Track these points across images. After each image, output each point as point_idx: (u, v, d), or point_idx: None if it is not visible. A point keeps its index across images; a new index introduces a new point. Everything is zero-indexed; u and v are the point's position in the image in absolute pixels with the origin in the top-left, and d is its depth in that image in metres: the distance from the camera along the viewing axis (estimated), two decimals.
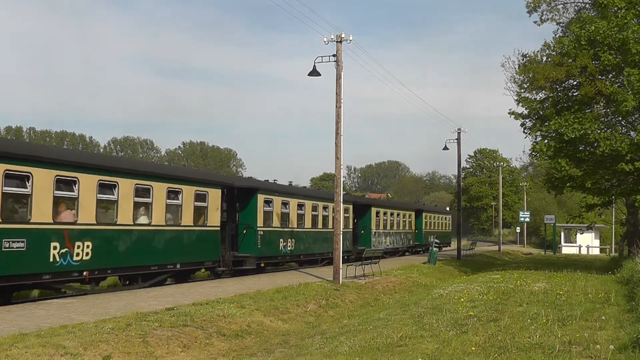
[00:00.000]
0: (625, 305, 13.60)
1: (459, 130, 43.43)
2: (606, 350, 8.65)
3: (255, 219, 24.97)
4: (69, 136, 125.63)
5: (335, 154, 22.36)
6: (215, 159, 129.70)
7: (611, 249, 58.69)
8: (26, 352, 9.39)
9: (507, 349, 9.14)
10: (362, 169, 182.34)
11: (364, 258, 24.78)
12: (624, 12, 23.33)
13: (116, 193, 17.73)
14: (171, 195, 20.05)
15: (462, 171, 54.58)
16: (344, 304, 18.92)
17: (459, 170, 45.75)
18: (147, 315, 12.91)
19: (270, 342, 12.73)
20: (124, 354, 10.44)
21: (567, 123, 23.86)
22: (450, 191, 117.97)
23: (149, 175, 19.25)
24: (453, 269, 33.72)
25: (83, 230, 16.48)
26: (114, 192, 17.71)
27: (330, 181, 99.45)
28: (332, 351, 10.20)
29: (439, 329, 11.35)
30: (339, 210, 22.58)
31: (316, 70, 22.48)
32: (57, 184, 15.80)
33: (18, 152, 14.97)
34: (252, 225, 24.81)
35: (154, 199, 19.21)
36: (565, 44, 24.56)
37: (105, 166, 17.75)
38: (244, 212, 25.06)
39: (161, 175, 19.96)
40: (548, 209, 75.03)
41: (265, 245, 25.58)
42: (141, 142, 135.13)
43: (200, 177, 22.75)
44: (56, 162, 15.85)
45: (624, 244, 39.10)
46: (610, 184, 27.72)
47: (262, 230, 25.27)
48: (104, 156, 27.66)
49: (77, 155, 20.35)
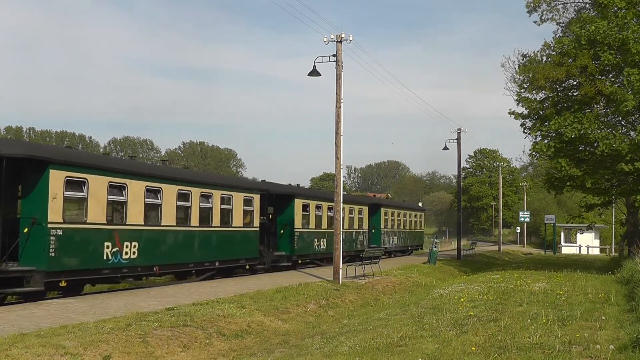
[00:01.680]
0: (625, 305, 13.60)
1: (459, 130, 43.45)
2: (606, 350, 8.65)
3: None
4: (69, 136, 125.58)
5: (335, 154, 22.36)
6: (215, 159, 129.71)
7: (611, 249, 58.67)
8: (26, 352, 9.39)
9: (507, 349, 9.14)
10: (362, 169, 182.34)
11: (364, 258, 24.96)
12: (624, 12, 23.33)
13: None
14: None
15: (462, 171, 54.56)
16: (344, 304, 18.92)
17: (459, 170, 45.75)
18: (147, 315, 12.91)
19: (270, 342, 12.73)
20: (124, 354, 10.44)
21: (567, 123, 23.85)
22: (450, 191, 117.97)
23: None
24: (453, 269, 33.73)
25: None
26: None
27: (330, 181, 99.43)
28: (332, 351, 10.20)
29: (439, 329, 11.35)
30: (339, 210, 22.58)
31: (316, 70, 22.47)
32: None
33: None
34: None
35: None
36: (565, 44, 24.56)
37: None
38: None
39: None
40: (548, 209, 75.03)
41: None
42: (141, 142, 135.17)
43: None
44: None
45: (624, 244, 39.09)
46: (610, 184, 27.73)
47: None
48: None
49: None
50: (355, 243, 34.67)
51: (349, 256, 33.31)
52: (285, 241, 27.88)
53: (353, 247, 34.04)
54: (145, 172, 19.42)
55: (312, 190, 33.31)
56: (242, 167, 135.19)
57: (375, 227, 37.40)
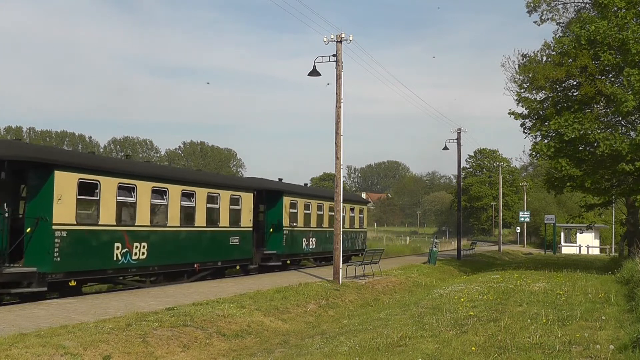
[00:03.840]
0: (625, 305, 13.61)
1: (458, 130, 43.43)
2: (606, 350, 8.65)
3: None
4: (69, 136, 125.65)
5: (335, 154, 22.36)
6: (215, 159, 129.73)
7: (611, 249, 58.65)
8: (26, 352, 9.39)
9: (507, 349, 9.14)
10: (362, 169, 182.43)
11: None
12: (624, 12, 23.32)
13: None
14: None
15: (462, 171, 54.47)
16: (344, 304, 18.91)
17: (459, 170, 45.74)
18: (147, 315, 12.91)
19: (270, 342, 12.73)
20: (124, 354, 10.44)
21: (567, 123, 23.85)
22: (450, 191, 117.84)
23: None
24: (453, 269, 33.72)
25: None
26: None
27: (330, 181, 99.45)
28: (332, 351, 10.19)
29: (439, 329, 11.34)
30: (339, 210, 22.61)
31: (316, 70, 22.46)
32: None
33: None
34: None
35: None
36: (565, 44, 24.56)
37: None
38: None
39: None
40: (548, 209, 74.97)
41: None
42: (141, 142, 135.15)
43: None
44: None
45: (624, 244, 39.08)
46: (610, 184, 27.72)
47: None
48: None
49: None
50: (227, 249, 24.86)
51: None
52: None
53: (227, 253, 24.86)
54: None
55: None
56: (242, 167, 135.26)
57: (276, 225, 27.58)
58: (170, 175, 21.07)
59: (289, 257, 28.09)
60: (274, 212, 27.31)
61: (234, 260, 23.89)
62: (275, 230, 27.01)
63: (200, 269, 21.64)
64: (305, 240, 29.25)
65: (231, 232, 23.20)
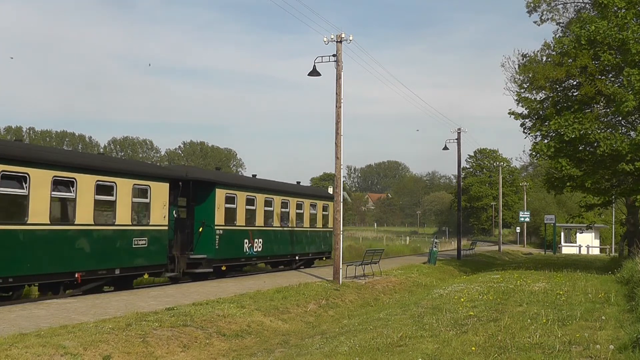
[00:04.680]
0: (625, 305, 13.61)
1: (458, 130, 43.42)
2: (606, 350, 8.65)
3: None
4: (68, 136, 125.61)
5: (335, 154, 22.35)
6: (215, 159, 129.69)
7: (611, 249, 58.65)
8: (26, 352, 9.39)
9: (507, 349, 9.14)
10: (362, 169, 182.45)
11: None
12: (624, 12, 23.32)
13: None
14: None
15: (462, 171, 54.45)
16: (344, 304, 18.91)
17: (459, 170, 45.73)
18: (147, 315, 12.91)
19: (270, 342, 12.73)
20: (124, 354, 10.44)
21: (567, 123, 23.85)
22: (450, 191, 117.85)
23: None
24: (453, 269, 33.71)
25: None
26: None
27: (330, 181, 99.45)
28: (332, 351, 10.19)
29: (439, 329, 11.34)
30: (339, 210, 22.57)
31: (316, 70, 22.46)
32: None
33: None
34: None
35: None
36: (565, 44, 24.55)
37: None
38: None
39: None
40: (548, 209, 74.95)
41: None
42: (141, 142, 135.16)
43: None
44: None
45: (624, 244, 39.10)
46: (610, 184, 27.71)
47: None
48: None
49: None
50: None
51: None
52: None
53: None
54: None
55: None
56: (242, 167, 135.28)
57: (206, 223, 22.52)
58: (36, 157, 15.54)
59: (224, 262, 23.20)
60: (204, 207, 22.41)
61: (140, 268, 19.03)
62: (206, 229, 22.21)
63: (85, 279, 16.80)
64: (248, 241, 24.37)
65: (134, 231, 18.43)
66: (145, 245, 18.90)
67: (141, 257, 18.84)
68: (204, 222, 22.18)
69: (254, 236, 24.86)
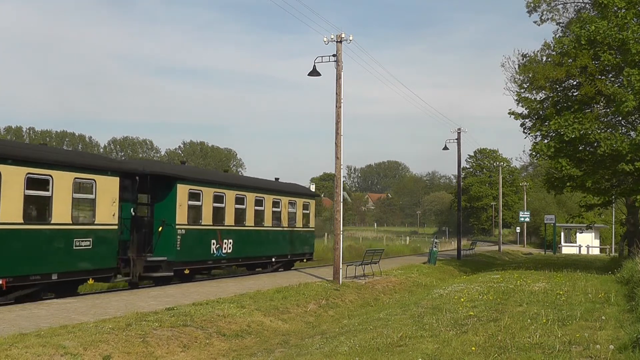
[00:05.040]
0: (625, 305, 13.61)
1: (459, 130, 43.42)
2: (606, 350, 8.65)
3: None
4: (68, 136, 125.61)
5: (335, 154, 22.35)
6: (215, 159, 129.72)
7: (611, 249, 58.66)
8: (26, 352, 9.39)
9: (507, 349, 9.14)
10: (362, 169, 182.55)
11: None
12: (624, 12, 23.32)
13: None
14: None
15: (462, 171, 54.46)
16: (344, 304, 18.91)
17: (459, 170, 45.73)
18: (147, 315, 12.91)
19: (270, 342, 12.73)
20: (124, 354, 10.44)
21: (567, 123, 23.85)
22: (450, 191, 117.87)
23: None
24: (453, 269, 33.71)
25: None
26: None
27: (330, 181, 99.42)
28: (332, 351, 10.19)
29: (439, 329, 11.34)
30: (339, 210, 22.56)
31: (316, 70, 22.46)
32: None
33: None
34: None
35: None
36: (565, 44, 24.56)
37: None
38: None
39: None
40: (548, 209, 74.96)
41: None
42: (141, 142, 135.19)
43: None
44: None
45: (624, 244, 39.10)
46: (610, 184, 27.71)
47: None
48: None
49: None
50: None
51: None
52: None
53: None
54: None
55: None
56: (242, 167, 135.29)
57: (167, 222, 20.44)
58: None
59: (186, 265, 21.13)
60: (165, 205, 20.42)
61: (84, 272, 16.82)
62: (166, 229, 20.18)
63: (11, 285, 14.71)
64: (216, 242, 22.34)
65: (76, 231, 16.45)
66: (89, 247, 16.75)
67: (85, 261, 16.66)
68: (164, 221, 20.18)
69: (222, 236, 22.79)
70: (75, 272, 16.60)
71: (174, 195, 20.46)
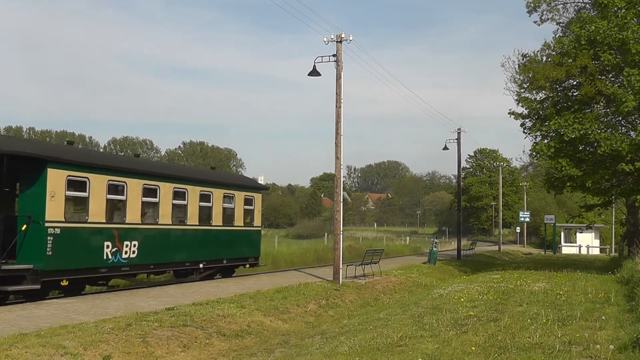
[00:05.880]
0: (625, 305, 13.60)
1: (459, 130, 43.42)
2: (606, 350, 8.65)
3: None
4: (69, 136, 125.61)
5: (335, 154, 22.35)
6: (215, 159, 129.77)
7: (611, 249, 58.65)
8: (26, 352, 9.39)
9: (507, 349, 9.13)
10: (362, 169, 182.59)
11: None
12: (624, 12, 23.31)
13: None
14: None
15: (462, 171, 54.45)
16: (344, 304, 18.91)
17: (459, 170, 45.73)
18: (147, 315, 12.91)
19: (270, 342, 12.73)
20: (124, 354, 10.44)
21: (567, 123, 23.85)
22: (450, 191, 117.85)
23: None
24: (453, 269, 33.71)
25: None
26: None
27: (330, 181, 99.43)
28: (332, 351, 10.19)
29: (439, 329, 11.34)
30: (339, 210, 22.55)
31: (316, 70, 22.46)
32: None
33: None
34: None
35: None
36: (565, 44, 24.55)
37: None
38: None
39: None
40: (548, 209, 74.97)
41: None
42: (141, 142, 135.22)
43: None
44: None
45: (624, 244, 39.09)
46: (610, 184, 27.71)
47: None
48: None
49: None
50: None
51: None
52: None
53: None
54: None
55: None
56: (242, 167, 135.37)
57: (33, 218, 15.45)
58: None
59: (64, 275, 15.96)
60: (31, 195, 15.60)
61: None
62: (32, 227, 15.32)
63: None
64: (111, 244, 17.44)
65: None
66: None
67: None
68: (29, 217, 15.33)
69: (122, 237, 17.84)
70: None
71: (43, 182, 15.44)
